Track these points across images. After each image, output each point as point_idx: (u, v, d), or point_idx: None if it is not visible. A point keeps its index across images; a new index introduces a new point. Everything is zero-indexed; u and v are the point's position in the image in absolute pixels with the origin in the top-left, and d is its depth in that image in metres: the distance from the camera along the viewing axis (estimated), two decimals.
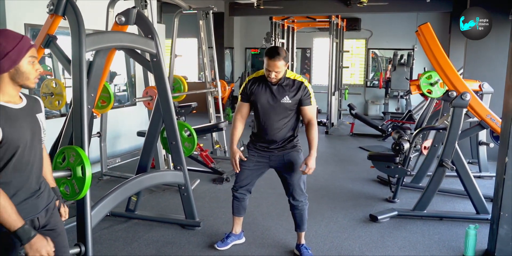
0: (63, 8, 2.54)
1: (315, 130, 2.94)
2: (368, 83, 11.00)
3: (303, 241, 3.20)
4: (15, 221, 1.62)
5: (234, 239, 3.33)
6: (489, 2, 5.76)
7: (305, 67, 11.50)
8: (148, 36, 3.11)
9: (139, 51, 3.28)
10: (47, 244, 1.70)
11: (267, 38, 8.32)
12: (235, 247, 3.32)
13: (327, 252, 3.22)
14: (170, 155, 4.60)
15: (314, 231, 3.64)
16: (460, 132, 3.71)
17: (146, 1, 4.01)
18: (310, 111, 2.95)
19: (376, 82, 10.71)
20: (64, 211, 2.12)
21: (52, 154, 3.19)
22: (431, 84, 4.79)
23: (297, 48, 9.75)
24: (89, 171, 2.37)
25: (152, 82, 4.51)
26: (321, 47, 11.25)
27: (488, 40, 5.67)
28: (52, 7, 2.56)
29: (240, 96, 3.03)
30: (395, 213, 3.90)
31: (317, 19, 8.76)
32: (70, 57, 2.60)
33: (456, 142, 3.73)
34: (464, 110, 3.66)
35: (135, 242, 3.38)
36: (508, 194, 2.93)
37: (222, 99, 6.07)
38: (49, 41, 2.64)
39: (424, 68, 7.14)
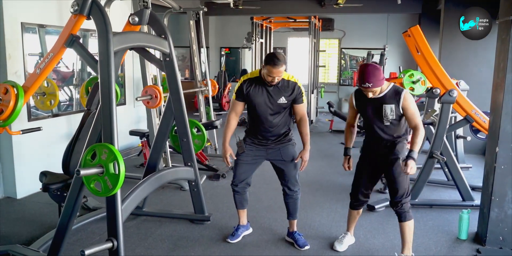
0: (88, 9, 2.60)
1: (307, 126, 3.17)
2: (344, 82, 11.35)
3: (295, 229, 3.40)
4: None
5: (243, 230, 3.49)
6: (460, 4, 6.16)
7: None
8: (162, 36, 3.20)
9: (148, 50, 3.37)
10: None
11: (248, 37, 8.47)
12: (245, 238, 3.47)
13: (334, 239, 3.41)
14: (168, 154, 4.72)
15: (318, 221, 3.85)
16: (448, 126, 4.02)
17: (145, 1, 4.06)
18: (302, 108, 3.15)
19: (349, 81, 11.09)
20: None
21: (68, 153, 3.22)
22: (413, 82, 5.09)
23: (273, 48, 9.96)
24: (122, 167, 2.46)
25: (150, 81, 4.56)
26: (296, 46, 11.51)
27: (461, 41, 6.08)
28: (77, 7, 2.61)
29: (235, 95, 3.15)
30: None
31: (297, 20, 8.97)
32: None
33: (444, 135, 4.03)
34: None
35: (149, 237, 3.46)
36: (498, 181, 3.22)
37: (207, 97, 6.17)
38: (73, 41, 2.68)
39: (400, 67, 7.48)
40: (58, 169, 3.39)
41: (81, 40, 2.76)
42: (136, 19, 3.10)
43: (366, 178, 3.11)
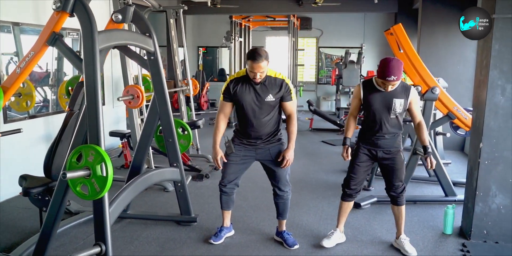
0: (71, 5, 2.51)
1: (295, 125, 3.10)
2: (320, 80, 11.43)
3: (284, 228, 3.39)
4: None
5: (226, 232, 3.44)
6: (438, 3, 6.28)
7: None
8: (146, 34, 3.13)
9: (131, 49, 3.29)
10: None
11: (227, 36, 8.41)
12: (234, 239, 3.43)
13: (323, 238, 3.41)
14: (151, 155, 4.64)
15: (305, 220, 3.84)
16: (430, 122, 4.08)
17: (126, 0, 3.97)
18: (291, 106, 3.10)
19: (328, 79, 11.18)
20: None
21: (49, 156, 3.12)
22: None
23: (252, 47, 9.93)
24: (111, 169, 2.38)
25: (131, 81, 4.47)
26: (274, 45, 11.52)
27: (438, 39, 6.20)
28: (59, 4, 2.51)
29: (222, 96, 3.09)
30: (375, 199, 4.20)
31: (276, 19, 8.97)
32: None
33: (427, 132, 4.08)
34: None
35: (136, 240, 3.38)
36: (482, 176, 3.29)
37: (188, 97, 6.10)
38: (55, 39, 2.59)
39: (378, 65, 7.57)
40: (37, 172, 3.28)
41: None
42: (120, 16, 3.01)
43: (362, 168, 3.16)
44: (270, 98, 3.02)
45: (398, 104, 2.97)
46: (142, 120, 4.73)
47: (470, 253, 3.16)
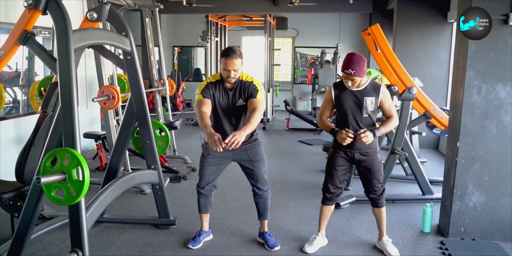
0: (44, 3, 2.41)
1: (256, 114, 2.84)
2: (296, 80, 11.46)
3: (266, 229, 3.36)
4: None
5: (205, 236, 3.38)
6: (412, 5, 6.38)
7: None
8: (122, 34, 3.04)
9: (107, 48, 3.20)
10: None
11: (203, 36, 8.33)
12: (215, 242, 3.38)
13: (303, 239, 3.40)
14: (127, 157, 4.53)
15: (285, 221, 3.82)
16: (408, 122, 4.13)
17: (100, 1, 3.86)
18: (255, 102, 2.93)
19: (303, 79, 11.23)
20: None
21: (22, 159, 2.99)
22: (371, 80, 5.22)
23: None
24: (87, 173, 2.31)
25: (106, 81, 4.35)
26: (250, 45, 11.48)
27: (413, 39, 6.30)
28: (31, 1, 2.41)
29: (201, 94, 2.98)
30: (354, 199, 4.22)
31: (253, 18, 8.94)
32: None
33: (405, 131, 4.14)
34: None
35: (113, 245, 3.29)
36: (460, 174, 3.34)
37: (164, 98, 6.00)
38: (27, 38, 2.48)
39: None
40: (8, 176, 3.15)
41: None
42: (95, 15, 2.91)
43: (340, 172, 3.14)
44: (241, 102, 3.01)
45: (369, 102, 2.98)
46: (117, 121, 4.62)
47: (449, 251, 3.20)
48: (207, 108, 2.91)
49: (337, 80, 9.56)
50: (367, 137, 2.86)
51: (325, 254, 3.20)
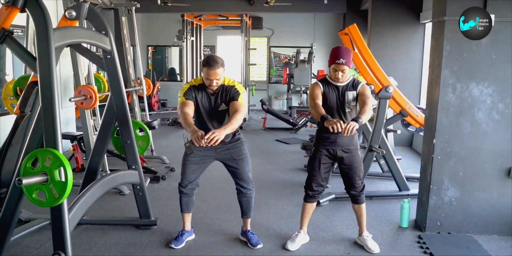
0: (23, 0, 2.35)
1: (237, 116, 2.83)
2: (270, 80, 11.52)
3: (249, 227, 3.39)
4: None
5: (187, 235, 3.38)
6: (387, 5, 6.52)
7: None
8: (102, 32, 3.00)
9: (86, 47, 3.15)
10: None
11: (179, 35, 8.27)
12: (197, 241, 3.38)
13: (285, 237, 3.43)
14: (105, 158, 4.46)
15: (266, 219, 3.85)
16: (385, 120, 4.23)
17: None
18: (237, 104, 2.94)
19: (277, 78, 11.30)
20: None
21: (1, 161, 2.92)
22: None
23: (203, 46, 9.84)
24: (70, 174, 2.27)
25: (83, 81, 4.27)
26: (225, 45, 11.47)
27: (387, 39, 6.44)
28: None
29: (183, 96, 2.96)
30: (333, 196, 4.29)
31: (229, 18, 8.93)
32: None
33: (382, 129, 4.24)
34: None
35: (94, 247, 3.24)
36: (436, 170, 3.45)
37: (141, 97, 5.94)
38: (5, 36, 2.42)
39: None
40: None
41: None
42: (73, 13, 2.88)
43: (322, 169, 3.18)
44: (223, 107, 3.02)
45: (351, 96, 3.08)
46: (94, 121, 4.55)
47: (426, 245, 3.30)
48: (190, 109, 2.90)
49: (313, 79, 9.68)
50: (352, 125, 2.74)
51: (307, 251, 3.25)
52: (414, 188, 4.45)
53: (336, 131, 2.72)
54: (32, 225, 3.46)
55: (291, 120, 8.24)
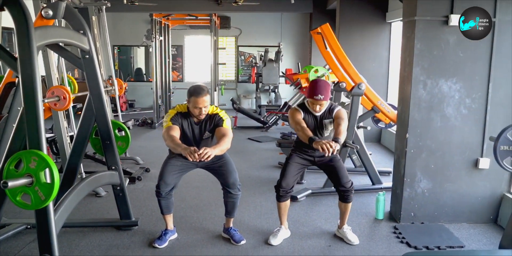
0: None
1: (226, 139, 2.93)
2: (240, 79, 11.57)
3: (231, 225, 3.44)
4: None
5: (171, 235, 3.39)
6: (355, 5, 6.70)
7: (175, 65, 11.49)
8: (80, 32, 2.96)
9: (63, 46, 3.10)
10: None
11: (148, 35, 8.18)
12: (180, 240, 3.39)
13: (265, 233, 3.50)
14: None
15: (247, 215, 3.91)
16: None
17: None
18: (223, 129, 3.04)
19: (244, 78, 11.38)
20: None
21: None
22: (318, 77, 5.43)
23: (171, 46, 9.76)
24: (57, 175, 2.25)
25: (56, 81, 4.17)
26: (193, 44, 11.41)
27: (355, 38, 6.62)
28: None
29: (170, 121, 3.01)
30: (310, 191, 4.39)
31: (198, 17, 8.90)
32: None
33: (355, 125, 4.37)
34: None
35: (75, 250, 3.19)
36: (409, 163, 3.60)
37: (114, 98, 5.85)
38: None
39: (298, 64, 7.86)
40: None
41: None
42: (50, 12, 2.82)
43: (295, 172, 3.29)
44: (207, 135, 3.14)
45: (328, 122, 3.21)
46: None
47: (402, 234, 3.45)
48: (176, 133, 2.97)
49: (280, 77, 9.80)
50: (334, 147, 2.82)
51: (290, 245, 3.32)
52: (386, 182, 4.63)
53: (326, 152, 2.78)
54: (8, 230, 3.37)
55: (262, 119, 8.32)
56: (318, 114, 3.20)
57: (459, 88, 3.47)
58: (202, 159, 2.68)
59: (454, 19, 3.26)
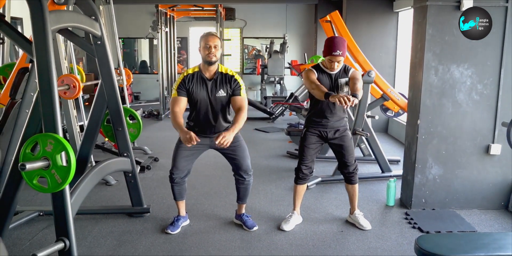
0: None
1: (242, 116, 2.95)
2: (245, 71, 11.55)
3: (243, 211, 3.45)
4: None
5: (183, 221, 3.40)
6: None
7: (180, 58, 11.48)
8: (92, 17, 2.96)
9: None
10: None
11: (153, 26, 8.16)
12: (193, 226, 3.41)
13: (277, 219, 3.51)
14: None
15: (257, 202, 3.92)
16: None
17: None
18: (240, 100, 3.04)
19: (247, 70, 11.37)
20: None
21: None
22: None
23: (176, 38, 9.74)
24: (73, 158, 2.25)
25: (65, 70, 4.18)
26: (198, 36, 11.34)
27: (362, 28, 6.59)
28: None
29: (176, 91, 3.01)
30: (319, 179, 4.40)
31: (204, 8, 8.88)
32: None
33: (365, 113, 4.37)
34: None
35: (89, 236, 3.21)
36: (421, 149, 3.60)
37: (121, 89, 5.85)
38: None
39: (305, 54, 7.84)
40: None
41: None
42: None
43: (312, 150, 3.27)
44: (221, 93, 3.03)
45: (344, 82, 3.16)
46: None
47: (414, 220, 3.45)
48: (181, 105, 2.97)
49: (286, 69, 9.77)
50: (354, 99, 2.77)
51: (302, 231, 3.34)
52: (395, 170, 4.63)
53: (344, 105, 2.70)
54: (21, 217, 3.39)
55: (268, 110, 8.32)
56: (333, 72, 3.13)
57: (471, 74, 3.45)
58: (221, 147, 2.74)
59: (467, 4, 3.23)
